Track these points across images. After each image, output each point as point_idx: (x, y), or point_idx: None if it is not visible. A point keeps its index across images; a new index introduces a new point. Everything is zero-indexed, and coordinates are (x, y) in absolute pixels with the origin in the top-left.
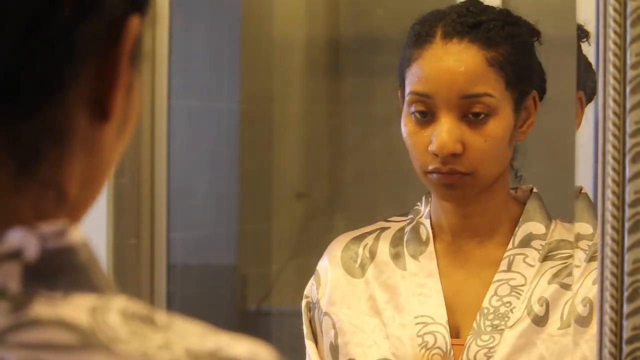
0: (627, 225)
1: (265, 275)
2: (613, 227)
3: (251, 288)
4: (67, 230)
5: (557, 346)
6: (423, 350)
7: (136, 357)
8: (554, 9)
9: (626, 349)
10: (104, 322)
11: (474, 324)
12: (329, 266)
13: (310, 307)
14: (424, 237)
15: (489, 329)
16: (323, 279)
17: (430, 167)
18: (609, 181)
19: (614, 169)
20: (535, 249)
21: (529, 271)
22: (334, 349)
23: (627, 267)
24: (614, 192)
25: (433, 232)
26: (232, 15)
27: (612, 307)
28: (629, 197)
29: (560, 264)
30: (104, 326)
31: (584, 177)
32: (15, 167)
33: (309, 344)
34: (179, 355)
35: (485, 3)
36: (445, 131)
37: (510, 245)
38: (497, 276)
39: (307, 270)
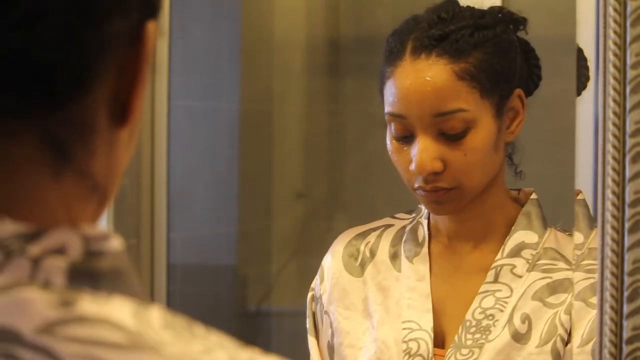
0: (627, 225)
1: (265, 275)
2: (613, 227)
3: (251, 288)
4: (110, 236)
5: None
6: (406, 357)
7: (182, 358)
8: (554, 9)
9: (626, 349)
10: (148, 324)
11: (455, 337)
12: (332, 262)
13: (314, 300)
14: (420, 239)
15: (469, 342)
16: (326, 274)
17: (416, 185)
18: (609, 181)
19: (614, 169)
20: (524, 258)
21: (515, 283)
22: (331, 348)
23: (627, 267)
24: (614, 192)
25: (431, 234)
26: (232, 15)
27: (612, 307)
28: (629, 197)
29: (546, 277)
30: (149, 329)
31: (584, 177)
32: (52, 157)
33: (311, 340)
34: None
35: (484, 3)
36: (422, 151)
37: (499, 255)
38: (484, 287)
39: (307, 270)
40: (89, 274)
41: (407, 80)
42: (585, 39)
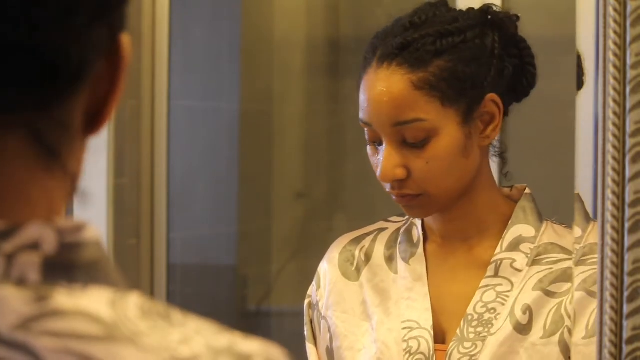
0: (627, 225)
1: (265, 275)
2: (613, 227)
3: (251, 288)
4: (85, 227)
5: (539, 355)
6: (407, 356)
7: (159, 351)
8: (554, 9)
9: (626, 349)
10: (125, 315)
11: (458, 331)
12: (328, 268)
13: (312, 307)
14: (415, 239)
15: (472, 335)
16: (322, 281)
17: (387, 189)
18: (609, 181)
19: (614, 169)
20: (523, 252)
21: (516, 277)
22: (330, 353)
23: (627, 267)
24: (614, 192)
25: (425, 234)
26: (232, 15)
27: (612, 307)
28: (629, 197)
29: (546, 269)
30: (125, 319)
31: (584, 177)
32: (41, 154)
33: (310, 347)
34: (199, 349)
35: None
36: (385, 159)
37: (498, 250)
38: (484, 282)
39: (307, 270)
40: (64, 267)
41: (371, 89)
42: (585, 39)
